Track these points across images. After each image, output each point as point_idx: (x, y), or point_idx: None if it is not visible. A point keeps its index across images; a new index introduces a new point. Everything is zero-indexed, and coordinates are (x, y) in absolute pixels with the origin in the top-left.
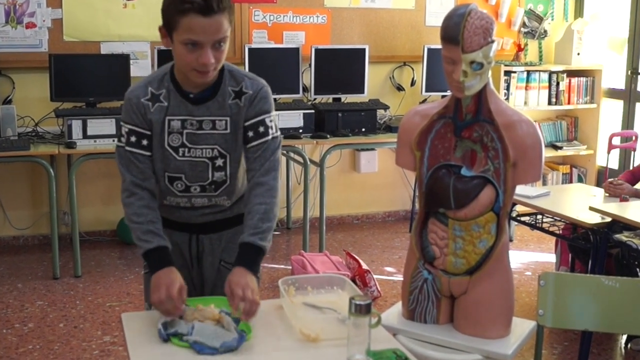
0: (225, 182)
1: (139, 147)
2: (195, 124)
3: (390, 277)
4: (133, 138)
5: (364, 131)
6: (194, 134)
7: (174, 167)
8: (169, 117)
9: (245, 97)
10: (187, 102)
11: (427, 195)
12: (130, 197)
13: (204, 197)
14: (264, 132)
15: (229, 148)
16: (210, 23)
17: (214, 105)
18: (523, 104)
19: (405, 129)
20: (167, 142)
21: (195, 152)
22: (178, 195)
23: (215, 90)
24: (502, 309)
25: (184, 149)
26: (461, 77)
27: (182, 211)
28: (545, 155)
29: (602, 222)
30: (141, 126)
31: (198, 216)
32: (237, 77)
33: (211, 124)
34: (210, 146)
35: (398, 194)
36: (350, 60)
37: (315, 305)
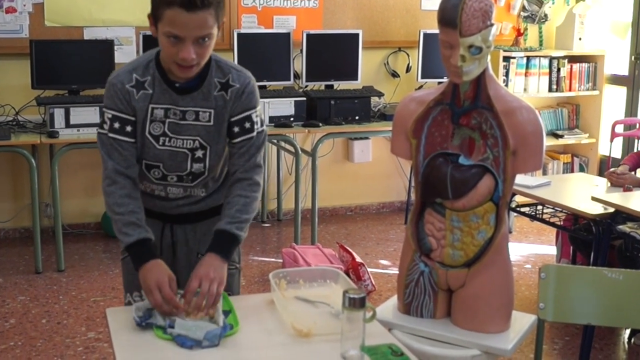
0: (202, 174)
1: (123, 134)
2: (178, 113)
3: (385, 270)
4: (117, 124)
5: (357, 119)
6: (176, 124)
7: (152, 155)
8: (153, 104)
9: (232, 90)
10: (172, 91)
11: (423, 185)
12: (111, 186)
13: (180, 187)
14: (250, 128)
15: (211, 140)
16: (192, 19)
17: (199, 96)
18: (522, 91)
19: (401, 116)
20: (148, 130)
21: (176, 142)
22: (154, 182)
23: (201, 81)
24: (501, 302)
25: (165, 138)
26: (459, 61)
27: (156, 200)
28: (546, 143)
29: (604, 213)
30: (125, 112)
31: (172, 207)
32: (223, 68)
33: (194, 115)
34: (192, 137)
35: (393, 184)
36: (343, 46)
37: (307, 299)
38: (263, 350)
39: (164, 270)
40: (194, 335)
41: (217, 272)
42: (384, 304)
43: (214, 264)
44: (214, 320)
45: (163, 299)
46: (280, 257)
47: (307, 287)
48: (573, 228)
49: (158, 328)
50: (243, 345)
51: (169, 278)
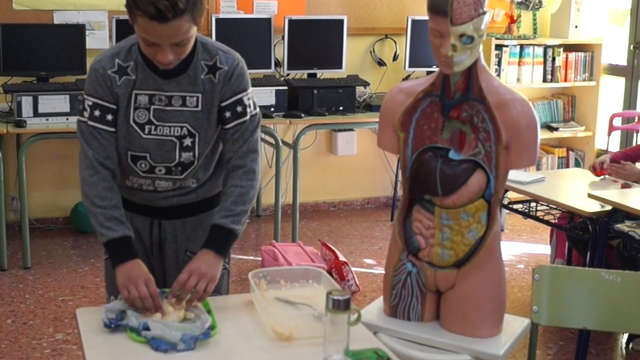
0: (192, 164)
1: (103, 123)
2: (164, 99)
3: (370, 269)
4: (97, 112)
5: (341, 110)
6: (162, 111)
7: (138, 145)
8: (136, 91)
9: (220, 73)
10: (156, 76)
11: (411, 181)
12: (94, 176)
13: (169, 180)
14: (242, 112)
15: (199, 127)
16: (166, 28)
17: (185, 80)
18: (515, 81)
19: (388, 108)
20: (132, 118)
21: (162, 130)
22: (141, 176)
23: (186, 64)
24: (493, 305)
25: (151, 127)
26: (450, 51)
27: (144, 194)
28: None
29: (601, 211)
30: (106, 99)
31: (161, 199)
32: (210, 50)
33: (181, 101)
34: (180, 124)
35: (379, 178)
36: (326, 33)
37: (288, 301)
38: (241, 354)
39: (143, 270)
40: (170, 337)
41: (210, 269)
42: (369, 306)
43: (208, 260)
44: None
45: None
46: (259, 255)
47: (289, 288)
48: (568, 226)
49: (132, 330)
50: (220, 349)
51: (146, 279)
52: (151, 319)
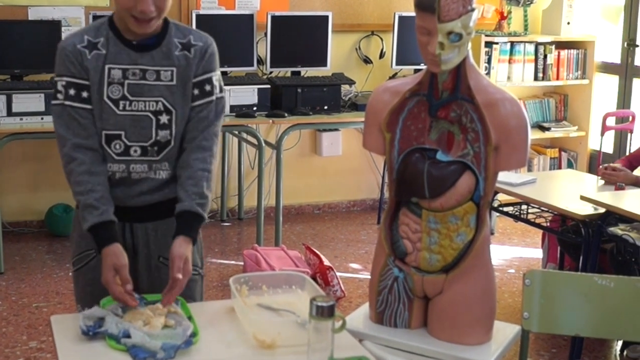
0: (169, 144)
1: (80, 101)
2: (138, 73)
3: (355, 274)
4: (72, 91)
5: (326, 109)
6: (136, 85)
7: (113, 123)
8: (109, 65)
9: (195, 49)
10: (129, 49)
11: (398, 183)
12: (70, 164)
13: (145, 162)
14: (210, 91)
15: (176, 103)
16: None
17: (158, 54)
18: (506, 79)
19: (374, 108)
20: (106, 94)
21: (137, 105)
22: (115, 159)
23: (159, 40)
24: (482, 311)
25: (125, 102)
26: (437, 49)
27: (117, 190)
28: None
29: (594, 214)
30: (79, 76)
31: (134, 195)
32: (183, 30)
33: (155, 75)
34: (155, 98)
35: (365, 180)
36: (311, 29)
37: (271, 307)
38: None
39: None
40: (150, 346)
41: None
42: (354, 313)
43: (188, 249)
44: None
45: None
46: (241, 260)
47: (271, 294)
48: (560, 230)
49: (111, 337)
50: (200, 358)
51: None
52: (132, 325)
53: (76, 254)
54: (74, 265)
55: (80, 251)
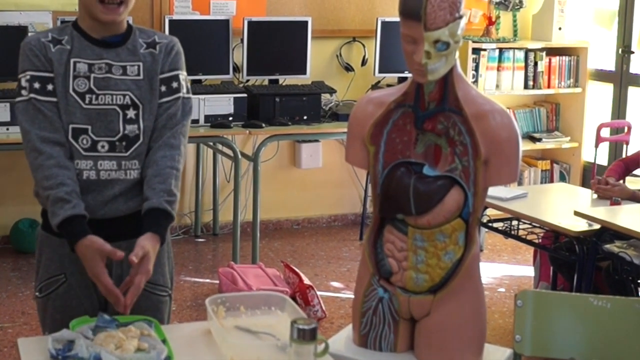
0: (137, 139)
1: (45, 94)
2: (104, 67)
3: (337, 294)
4: (37, 84)
5: (305, 119)
6: (102, 79)
7: (79, 117)
8: (74, 59)
9: (161, 46)
10: (94, 45)
11: (382, 199)
12: (37, 158)
13: (113, 158)
14: (177, 88)
15: (143, 98)
16: None
17: (123, 51)
18: (494, 88)
19: (357, 120)
20: (72, 87)
21: (104, 98)
22: (83, 155)
23: (124, 39)
24: (472, 334)
25: (91, 96)
26: (423, 59)
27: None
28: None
29: (589, 230)
30: (43, 69)
31: (107, 201)
32: (147, 32)
33: (121, 70)
34: (122, 92)
35: (346, 194)
36: (289, 35)
37: (249, 330)
38: None
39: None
40: None
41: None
42: (337, 335)
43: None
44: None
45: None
46: (216, 278)
47: (249, 315)
48: (553, 247)
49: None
50: None
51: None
52: (104, 349)
53: (44, 278)
54: (41, 292)
55: (48, 276)
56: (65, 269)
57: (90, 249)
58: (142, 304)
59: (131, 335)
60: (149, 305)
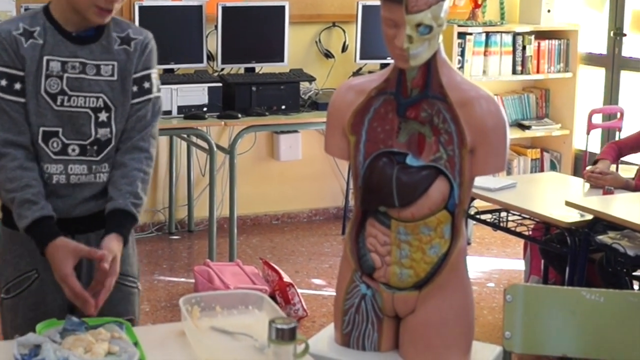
0: (109, 143)
1: (11, 93)
2: (77, 67)
3: (319, 291)
4: (3, 82)
5: (284, 109)
6: (75, 79)
7: (50, 119)
8: (47, 56)
9: (136, 43)
10: (68, 41)
11: (364, 191)
12: (3, 158)
13: (84, 163)
14: (149, 89)
15: (116, 100)
16: None
17: (98, 48)
18: (481, 73)
19: (337, 108)
20: (43, 88)
21: (76, 100)
22: (53, 159)
23: (99, 33)
24: (460, 331)
25: (63, 97)
26: (405, 43)
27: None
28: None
29: (581, 221)
30: (12, 66)
31: (77, 204)
32: (121, 24)
33: (95, 69)
34: (95, 94)
35: (327, 187)
36: (266, 21)
37: (225, 330)
38: None
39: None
40: None
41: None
42: (318, 335)
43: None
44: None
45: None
46: (192, 277)
47: (226, 315)
48: (544, 239)
49: None
50: None
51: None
52: (72, 353)
53: (12, 277)
54: (10, 292)
55: (18, 274)
56: (36, 264)
57: (63, 250)
58: (114, 297)
59: (101, 338)
60: (120, 298)
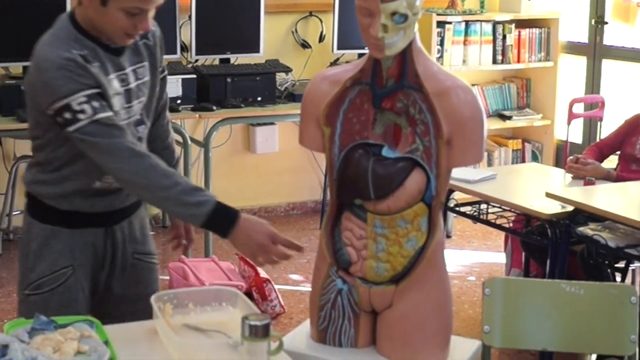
0: (144, 137)
1: (109, 109)
2: (125, 79)
3: (296, 287)
4: (96, 103)
5: (260, 101)
6: (127, 91)
7: None
8: (109, 76)
9: (152, 34)
10: (111, 55)
11: (339, 183)
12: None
13: None
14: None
15: (148, 97)
16: None
17: (129, 53)
18: (461, 63)
19: (311, 100)
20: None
21: (131, 111)
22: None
23: None
24: (438, 326)
25: (123, 111)
26: (380, 32)
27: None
28: (489, 128)
29: (562, 212)
30: (95, 86)
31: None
32: None
33: (134, 76)
34: (139, 100)
35: (305, 180)
36: (241, 11)
37: (199, 328)
38: None
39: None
40: None
41: None
42: (294, 331)
43: None
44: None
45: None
46: (167, 274)
47: (199, 312)
48: (524, 231)
49: None
50: None
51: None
52: (41, 353)
53: (47, 273)
54: (42, 287)
55: (55, 269)
56: (74, 261)
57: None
58: (149, 277)
59: (70, 337)
60: (154, 278)
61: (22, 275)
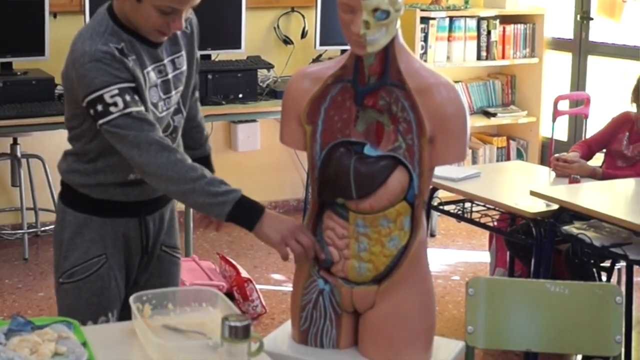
0: (181, 126)
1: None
2: (163, 70)
3: (278, 287)
4: (128, 97)
5: (241, 98)
6: (163, 82)
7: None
8: (146, 69)
9: (190, 22)
10: (148, 47)
11: (321, 182)
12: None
13: None
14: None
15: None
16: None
17: (166, 42)
18: (445, 60)
19: (292, 97)
20: (149, 100)
21: (169, 102)
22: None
23: None
24: (421, 326)
25: (162, 103)
26: (361, 29)
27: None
28: (473, 125)
29: (547, 211)
30: (129, 80)
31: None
32: None
33: (172, 67)
34: (177, 90)
35: (287, 178)
36: (221, 6)
37: (178, 329)
38: None
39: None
40: None
41: None
42: (274, 332)
43: None
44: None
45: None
46: None
47: (178, 313)
48: (509, 230)
49: None
50: None
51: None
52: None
53: (81, 261)
54: (75, 275)
55: (88, 257)
56: (106, 249)
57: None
58: (172, 270)
59: (48, 338)
60: (176, 272)
61: (57, 263)
